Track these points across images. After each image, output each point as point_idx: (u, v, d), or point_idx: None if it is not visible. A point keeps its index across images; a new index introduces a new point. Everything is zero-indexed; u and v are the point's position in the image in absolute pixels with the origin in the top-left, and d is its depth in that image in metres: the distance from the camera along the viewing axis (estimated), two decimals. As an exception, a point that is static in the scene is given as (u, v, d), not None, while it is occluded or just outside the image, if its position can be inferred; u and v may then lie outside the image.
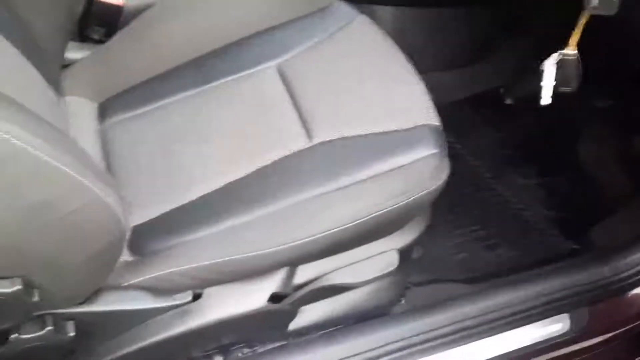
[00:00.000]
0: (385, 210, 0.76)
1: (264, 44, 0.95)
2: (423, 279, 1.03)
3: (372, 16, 1.15)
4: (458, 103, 1.32)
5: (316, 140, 0.82)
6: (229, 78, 0.91)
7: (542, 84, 0.82)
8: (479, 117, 1.33)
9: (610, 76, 1.14)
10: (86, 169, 0.54)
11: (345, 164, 0.79)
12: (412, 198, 0.76)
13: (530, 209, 1.18)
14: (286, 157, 0.81)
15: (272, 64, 0.92)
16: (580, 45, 0.83)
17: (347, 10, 0.97)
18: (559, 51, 0.80)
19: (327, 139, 0.82)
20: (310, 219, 0.76)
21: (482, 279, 1.04)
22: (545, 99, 0.82)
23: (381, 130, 0.82)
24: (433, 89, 1.31)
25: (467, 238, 1.12)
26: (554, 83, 0.81)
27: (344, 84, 0.88)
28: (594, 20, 0.79)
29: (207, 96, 0.90)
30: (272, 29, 0.96)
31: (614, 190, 1.17)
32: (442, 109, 1.32)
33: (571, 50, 0.79)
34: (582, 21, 0.74)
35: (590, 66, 1.24)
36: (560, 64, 0.80)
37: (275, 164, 0.81)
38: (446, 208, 1.15)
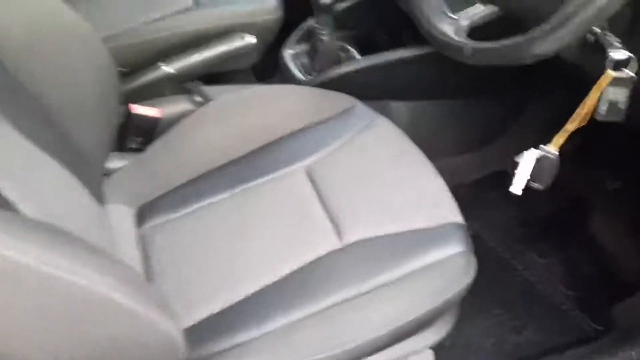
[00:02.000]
0: (419, 314, 0.79)
1: (292, 147, 1.01)
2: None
3: (388, 110, 1.25)
4: (471, 185, 1.38)
5: (346, 240, 0.86)
6: (261, 180, 0.96)
7: (516, 171, 0.85)
8: (492, 196, 1.38)
9: (620, 159, 1.20)
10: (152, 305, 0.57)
11: (376, 263, 0.82)
12: (444, 298, 0.80)
13: (552, 288, 1.20)
14: (320, 258, 0.85)
15: (301, 165, 0.98)
16: (587, 130, 0.87)
17: (368, 112, 1.04)
18: (541, 146, 0.84)
19: (358, 239, 0.86)
20: (352, 323, 0.78)
21: (515, 363, 1.06)
22: (516, 189, 0.85)
23: (409, 228, 0.86)
24: (448, 173, 1.39)
25: (493, 322, 1.14)
26: (528, 177, 0.85)
27: (370, 183, 0.93)
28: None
29: (241, 198, 0.95)
30: (300, 131, 1.02)
31: (631, 267, 1.19)
32: (456, 190, 1.41)
33: (553, 149, 0.83)
34: (572, 126, 0.78)
35: (599, 149, 1.31)
36: (539, 160, 0.83)
37: (309, 266, 0.84)
38: (469, 292, 1.18)
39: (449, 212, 0.88)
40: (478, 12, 0.79)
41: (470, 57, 0.75)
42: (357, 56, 1.21)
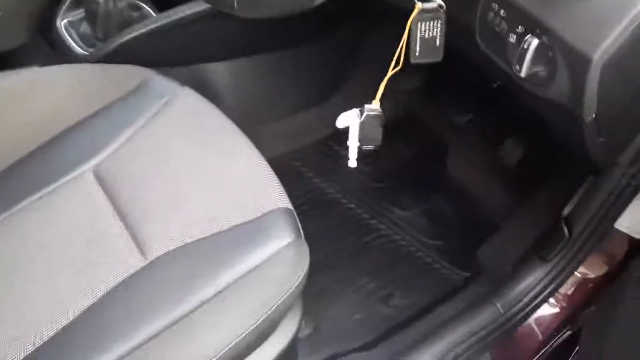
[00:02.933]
0: (249, 330, 0.64)
1: (73, 145, 0.80)
2: (320, 358, 0.94)
3: (203, 76, 1.06)
4: (317, 144, 1.24)
5: (151, 255, 0.69)
6: (38, 194, 0.75)
7: (348, 144, 0.75)
8: (342, 154, 1.25)
9: (465, 92, 1.11)
10: None
11: (191, 278, 0.67)
12: (276, 305, 0.66)
13: (416, 242, 1.12)
14: (122, 283, 0.67)
15: (87, 167, 0.77)
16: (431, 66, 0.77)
17: (166, 84, 0.84)
18: (361, 108, 0.74)
19: (164, 252, 0.69)
20: (175, 355, 0.63)
21: (381, 338, 0.96)
22: (352, 161, 0.75)
23: (225, 227, 0.71)
24: (288, 136, 1.25)
25: (359, 294, 1.04)
26: (358, 144, 0.75)
27: (174, 176, 0.76)
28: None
29: (14, 223, 0.74)
30: (82, 123, 0.81)
31: (491, 205, 1.14)
32: (301, 154, 1.28)
33: (374, 105, 0.72)
34: (388, 76, 0.67)
35: (445, 85, 1.22)
36: (364, 122, 0.73)
37: (109, 295, 0.67)
38: (332, 264, 1.07)
39: (271, 197, 0.73)
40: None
41: (240, 7, 0.58)
42: (152, 14, 0.99)
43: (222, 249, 0.69)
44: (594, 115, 0.58)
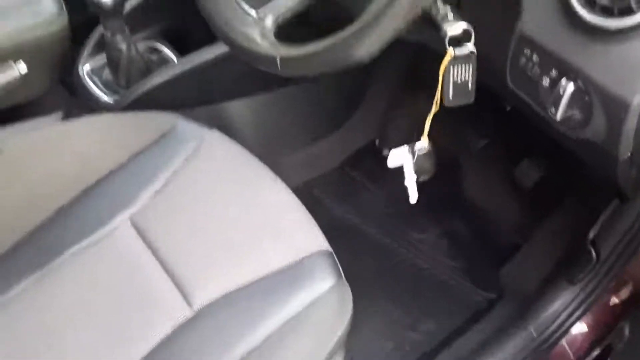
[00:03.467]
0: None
1: (108, 195, 0.80)
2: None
3: (224, 113, 1.07)
4: (334, 172, 1.26)
5: (197, 305, 0.70)
6: (76, 247, 0.76)
7: (406, 183, 0.77)
8: (358, 179, 1.27)
9: (481, 115, 1.13)
10: None
11: (236, 329, 0.68)
12: (325, 350, 0.67)
13: (438, 265, 1.13)
14: (169, 337, 0.68)
15: (124, 216, 0.78)
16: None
17: (194, 129, 0.85)
18: (411, 146, 0.75)
19: (209, 301, 0.70)
20: None
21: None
22: (413, 198, 0.77)
23: (267, 272, 0.72)
24: (309, 164, 1.27)
25: (386, 322, 1.05)
26: (415, 178, 0.76)
27: (212, 222, 0.77)
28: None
29: (54, 276, 0.74)
30: (115, 172, 0.82)
31: (509, 225, 1.16)
32: (323, 179, 1.30)
33: (425, 143, 0.74)
34: (430, 116, 0.68)
35: (460, 109, 1.24)
36: (417, 159, 0.75)
37: (158, 350, 0.67)
38: (357, 292, 1.08)
39: (310, 240, 0.74)
40: (283, 3, 0.63)
41: (283, 68, 0.60)
42: (172, 56, 1.01)
43: (265, 296, 0.70)
44: (629, 154, 0.60)
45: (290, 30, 0.62)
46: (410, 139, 1.31)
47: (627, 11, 0.52)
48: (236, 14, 0.62)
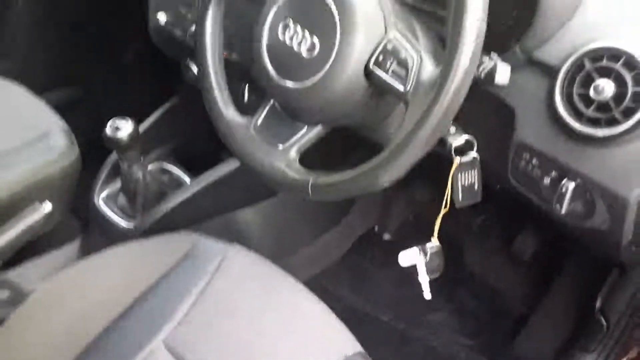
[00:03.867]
0: None
1: (138, 321, 0.82)
2: None
3: (235, 221, 1.12)
4: (342, 260, 1.30)
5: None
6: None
7: (419, 279, 0.79)
8: (364, 265, 1.31)
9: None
10: None
11: None
12: None
13: (453, 344, 1.17)
14: None
15: (158, 340, 0.80)
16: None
17: (215, 247, 0.89)
18: (422, 247, 0.80)
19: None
20: None
21: None
22: (427, 294, 0.80)
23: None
24: (316, 258, 1.31)
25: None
26: (427, 277, 0.81)
27: (247, 336, 0.80)
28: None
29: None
30: (143, 297, 0.84)
31: (514, 297, 1.21)
32: (331, 271, 1.33)
33: (434, 243, 0.79)
34: (439, 218, 0.74)
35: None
36: (428, 259, 0.80)
37: None
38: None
39: (343, 344, 0.78)
40: (303, 135, 0.70)
41: (314, 194, 0.66)
42: (183, 176, 1.06)
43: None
44: (630, 238, 0.67)
45: (311, 154, 0.69)
46: (407, 222, 1.38)
47: (614, 121, 0.60)
48: (263, 148, 0.68)
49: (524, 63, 0.68)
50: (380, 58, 0.60)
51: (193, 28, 0.93)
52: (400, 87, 0.58)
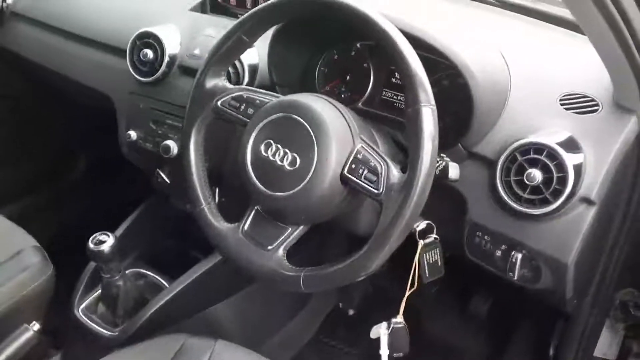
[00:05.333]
0: None
1: None
2: None
3: (213, 316, 1.16)
4: (314, 340, 1.36)
5: None
6: None
7: (380, 352, 0.86)
8: (338, 342, 1.38)
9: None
10: None
11: None
12: None
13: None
14: None
15: None
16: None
17: (202, 344, 0.92)
18: (390, 320, 0.87)
19: None
20: None
21: None
22: None
23: None
24: (289, 341, 1.36)
25: None
26: (388, 352, 0.87)
27: None
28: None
29: None
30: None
31: (476, 354, 1.30)
32: (304, 352, 1.38)
33: (399, 319, 0.86)
34: (406, 295, 0.83)
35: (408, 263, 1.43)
36: (391, 332, 0.87)
37: None
38: None
39: None
40: (288, 235, 0.78)
41: (306, 287, 0.74)
42: (160, 279, 1.11)
43: None
44: (572, 293, 0.79)
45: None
46: (367, 295, 1.46)
47: (546, 201, 0.74)
48: (252, 251, 0.76)
49: (467, 157, 0.82)
50: (353, 166, 0.70)
51: (164, 142, 1.02)
52: (374, 190, 0.69)
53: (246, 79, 0.97)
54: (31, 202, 1.45)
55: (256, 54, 0.97)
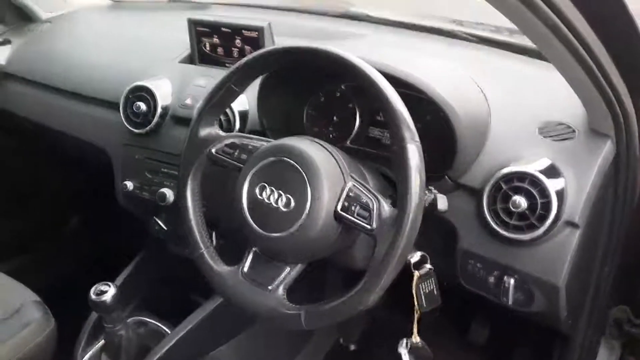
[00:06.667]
0: None
1: None
2: None
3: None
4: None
5: None
6: None
7: None
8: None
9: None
10: None
11: None
12: None
13: None
14: None
15: None
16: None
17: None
18: (407, 340, 0.90)
19: None
20: None
21: None
22: None
23: None
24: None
25: None
26: None
27: None
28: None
29: None
30: None
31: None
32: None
33: (417, 339, 0.89)
34: (417, 317, 0.85)
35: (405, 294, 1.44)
36: (412, 351, 0.89)
37: None
38: None
39: None
40: (286, 275, 0.79)
41: (308, 324, 0.75)
42: (161, 325, 1.12)
43: None
44: (565, 314, 0.82)
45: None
46: (366, 329, 1.47)
47: (533, 227, 0.77)
48: (253, 292, 0.78)
49: (454, 188, 0.85)
50: (346, 204, 0.73)
51: (160, 190, 1.04)
52: (367, 226, 0.71)
53: (237, 125, 1.01)
54: (29, 256, 1.46)
55: (245, 101, 1.01)
